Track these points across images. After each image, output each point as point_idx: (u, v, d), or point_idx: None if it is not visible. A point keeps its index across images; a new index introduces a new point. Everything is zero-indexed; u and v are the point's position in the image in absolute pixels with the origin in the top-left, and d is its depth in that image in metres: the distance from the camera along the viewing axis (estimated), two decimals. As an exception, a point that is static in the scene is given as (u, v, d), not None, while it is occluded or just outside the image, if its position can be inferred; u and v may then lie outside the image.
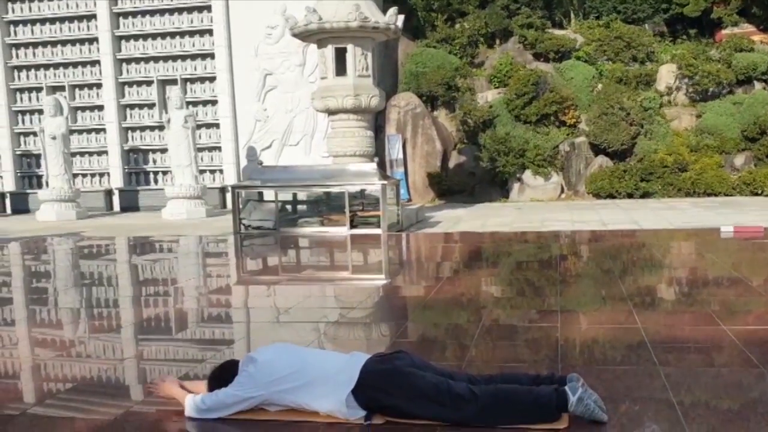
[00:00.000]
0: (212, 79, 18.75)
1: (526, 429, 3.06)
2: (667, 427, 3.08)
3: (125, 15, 19.06)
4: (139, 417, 3.44)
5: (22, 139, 20.02)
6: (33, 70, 19.84)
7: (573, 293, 6.22)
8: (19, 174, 19.99)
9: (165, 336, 5.23)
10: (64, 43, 19.56)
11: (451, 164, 17.84)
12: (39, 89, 19.69)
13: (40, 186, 18.58)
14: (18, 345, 5.09)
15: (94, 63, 19.35)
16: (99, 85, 19.35)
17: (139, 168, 19.48)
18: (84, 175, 19.69)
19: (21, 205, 19.36)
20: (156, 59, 19.11)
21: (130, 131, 19.47)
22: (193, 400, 3.34)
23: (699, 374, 3.81)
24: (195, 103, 18.69)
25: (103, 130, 19.38)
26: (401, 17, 12.80)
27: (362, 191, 12.28)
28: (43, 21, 19.53)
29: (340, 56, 12.56)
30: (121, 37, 19.16)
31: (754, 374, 3.75)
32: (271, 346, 3.58)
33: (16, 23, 19.70)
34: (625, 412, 3.22)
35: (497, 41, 19.47)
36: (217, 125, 18.73)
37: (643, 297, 5.93)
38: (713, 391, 3.58)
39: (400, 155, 16.94)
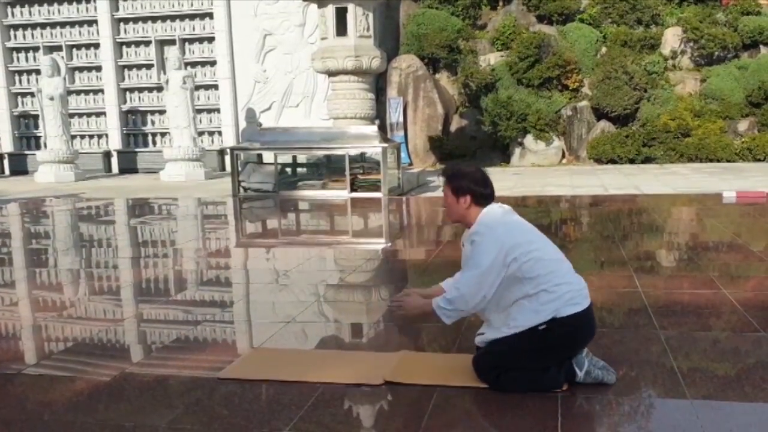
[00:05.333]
0: (211, 40, 18.50)
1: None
2: (667, 391, 3.08)
3: (122, -27, 18.74)
4: (136, 378, 3.43)
5: (19, 99, 19.83)
6: (29, 30, 19.55)
7: (573, 258, 6.14)
8: (16, 135, 19.85)
9: (164, 297, 5.22)
10: (60, 1, 19.23)
11: (453, 128, 17.69)
12: (36, 49, 19.42)
13: (38, 147, 18.45)
14: (17, 305, 5.08)
15: (92, 22, 19.06)
16: (96, 46, 19.08)
17: (137, 129, 19.33)
18: (82, 137, 19.54)
19: (19, 167, 19.25)
20: (154, 19, 18.82)
21: (128, 92, 19.27)
22: (440, 300, 3.08)
23: (699, 338, 3.79)
24: (193, 64, 18.46)
25: (101, 91, 19.18)
26: (403, -23, 12.57)
27: (363, 154, 12.19)
28: (38, -21, 19.21)
29: (341, 16, 12.37)
30: (118, -4, 18.87)
31: (754, 339, 3.74)
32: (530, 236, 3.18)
33: (11, -19, 19.38)
34: (623, 376, 3.21)
35: (500, 3, 19.13)
36: (215, 86, 18.53)
37: (644, 262, 5.91)
38: (713, 355, 3.57)
39: (401, 118, 16.77)
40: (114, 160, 19.06)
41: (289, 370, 3.41)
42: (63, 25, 19.34)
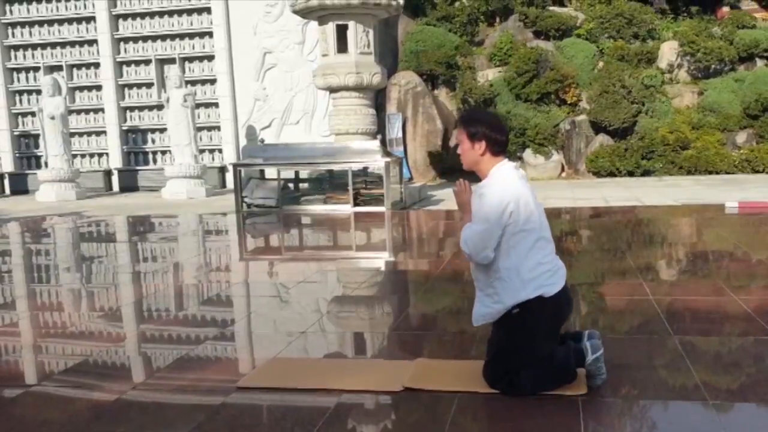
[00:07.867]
0: (211, 58, 18.60)
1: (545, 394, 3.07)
2: (686, 394, 3.09)
3: (122, -7, 18.87)
4: (142, 397, 3.41)
5: (20, 119, 19.87)
6: (30, 50, 19.64)
7: (581, 267, 6.21)
8: (17, 154, 19.87)
9: (168, 315, 5.22)
10: (60, 21, 19.34)
11: (452, 143, 17.75)
12: (36, 69, 19.50)
13: (39, 167, 18.46)
14: (21, 324, 5.07)
15: (92, 42, 19.16)
16: (97, 65, 19.17)
17: (138, 148, 19.37)
18: (83, 156, 19.57)
19: (20, 186, 19.25)
20: (154, 38, 18.93)
21: (128, 111, 19.33)
22: (464, 231, 3.12)
23: (714, 343, 3.82)
24: (194, 82, 18.54)
25: (102, 110, 19.23)
26: (402, -6, 12.69)
27: (365, 169, 12.23)
28: (39, -1, 19.35)
29: (342, 33, 12.47)
30: (118, 16, 18.96)
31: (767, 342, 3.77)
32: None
33: (11, 2, 19.46)
34: (643, 380, 3.23)
35: (497, 19, 19.31)
36: (216, 104, 18.60)
37: (653, 271, 5.93)
38: (729, 359, 3.59)
39: (400, 134, 16.85)
40: (115, 179, 19.07)
41: (308, 378, 3.42)
42: (63, 45, 19.43)
